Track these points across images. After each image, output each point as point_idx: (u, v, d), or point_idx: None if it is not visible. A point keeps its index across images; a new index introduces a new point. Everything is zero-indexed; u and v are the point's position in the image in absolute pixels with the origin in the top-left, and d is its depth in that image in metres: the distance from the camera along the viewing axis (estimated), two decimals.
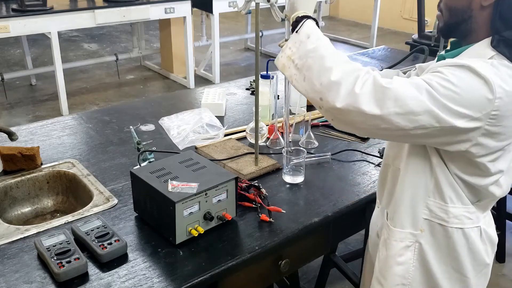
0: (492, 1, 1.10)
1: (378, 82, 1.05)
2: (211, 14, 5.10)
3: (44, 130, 1.94)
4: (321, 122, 2.03)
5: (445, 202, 1.21)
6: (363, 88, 1.05)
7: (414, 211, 1.25)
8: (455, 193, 1.20)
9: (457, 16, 1.17)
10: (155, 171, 1.36)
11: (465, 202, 1.22)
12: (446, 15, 1.20)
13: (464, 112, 1.04)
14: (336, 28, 8.28)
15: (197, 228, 1.28)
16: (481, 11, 1.13)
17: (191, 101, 2.31)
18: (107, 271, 1.19)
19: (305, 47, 1.15)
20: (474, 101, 1.04)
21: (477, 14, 1.14)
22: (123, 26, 7.43)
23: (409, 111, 1.03)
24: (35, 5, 4.05)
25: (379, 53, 3.09)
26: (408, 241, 1.27)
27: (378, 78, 1.05)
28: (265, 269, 1.38)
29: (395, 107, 1.03)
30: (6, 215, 1.54)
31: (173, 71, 5.70)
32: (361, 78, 1.06)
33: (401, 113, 1.04)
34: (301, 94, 2.06)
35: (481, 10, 1.13)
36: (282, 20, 1.37)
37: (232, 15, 7.97)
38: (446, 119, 1.04)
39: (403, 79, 1.07)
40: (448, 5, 1.19)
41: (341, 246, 2.74)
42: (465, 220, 1.23)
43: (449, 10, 1.19)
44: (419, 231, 1.25)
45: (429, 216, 1.24)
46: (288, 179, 1.59)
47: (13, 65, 6.05)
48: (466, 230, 1.23)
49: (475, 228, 1.24)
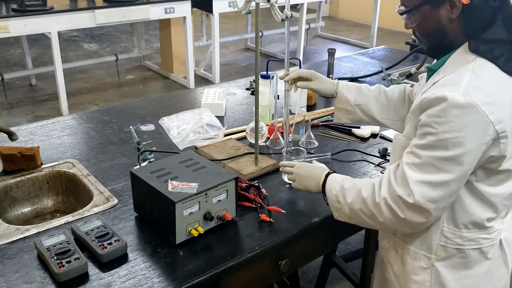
0: (458, 12, 1.13)
1: (407, 203, 1.13)
2: (211, 14, 5.10)
3: (44, 130, 1.94)
4: (321, 122, 2.03)
5: (459, 229, 1.21)
6: (402, 213, 1.15)
7: (428, 237, 1.24)
8: (469, 218, 1.19)
9: (434, 38, 1.21)
10: (155, 171, 1.36)
11: (481, 226, 1.20)
12: (424, 40, 1.25)
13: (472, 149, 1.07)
14: (336, 28, 8.28)
15: (197, 228, 1.28)
16: (452, 23, 1.16)
17: (191, 101, 2.31)
18: (107, 271, 1.19)
19: (345, 213, 1.29)
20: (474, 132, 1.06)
21: (450, 27, 1.17)
22: (123, 26, 7.43)
23: (442, 200, 1.12)
24: (35, 5, 4.05)
25: (379, 53, 3.09)
26: (424, 262, 1.26)
27: (404, 196, 1.13)
28: (265, 269, 1.38)
29: (435, 209, 1.13)
30: (6, 215, 1.54)
31: (173, 71, 5.70)
32: (394, 207, 1.15)
33: (443, 205, 1.14)
34: (301, 94, 2.07)
35: (452, 22, 1.16)
36: (282, 20, 1.37)
37: (232, 15, 7.97)
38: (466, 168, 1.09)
39: (412, 177, 1.12)
40: (421, 33, 1.24)
41: (341, 246, 2.74)
42: (482, 241, 1.22)
43: (424, 35, 1.23)
44: (434, 255, 1.24)
45: (444, 242, 1.23)
46: (288, 179, 1.59)
47: (13, 65, 6.05)
48: (484, 249, 1.23)
49: (494, 245, 1.24)
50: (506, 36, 1.12)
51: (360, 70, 2.72)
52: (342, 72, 2.69)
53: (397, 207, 1.15)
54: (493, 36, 1.12)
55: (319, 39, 7.58)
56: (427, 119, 1.10)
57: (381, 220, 1.19)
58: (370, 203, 1.20)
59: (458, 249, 1.22)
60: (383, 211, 1.17)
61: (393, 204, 1.15)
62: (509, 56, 1.12)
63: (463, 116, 1.05)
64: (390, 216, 1.17)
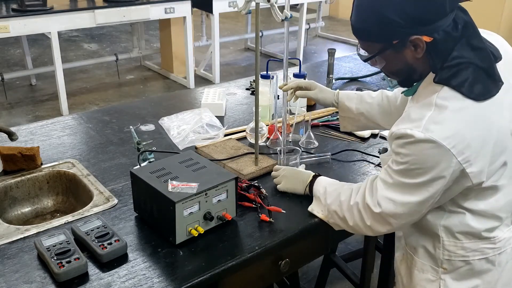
0: (423, 51, 1.13)
1: (373, 212, 1.21)
2: (211, 14, 5.10)
3: (44, 130, 1.94)
4: (321, 122, 2.03)
5: (459, 240, 1.21)
6: (368, 220, 1.23)
7: (431, 251, 1.25)
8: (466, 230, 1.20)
9: (403, 74, 1.22)
10: (155, 171, 1.36)
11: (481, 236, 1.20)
12: (394, 76, 1.26)
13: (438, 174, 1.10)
14: (336, 28, 8.28)
15: (197, 228, 1.28)
16: (419, 60, 1.16)
17: (191, 101, 2.30)
18: (107, 271, 1.19)
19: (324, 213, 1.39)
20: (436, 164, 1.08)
21: (417, 64, 1.17)
22: (123, 26, 7.43)
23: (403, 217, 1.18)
24: (35, 5, 4.05)
25: None
26: (431, 275, 1.27)
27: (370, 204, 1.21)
28: (265, 269, 1.38)
29: (396, 223, 1.20)
30: (6, 215, 1.54)
31: (173, 71, 5.70)
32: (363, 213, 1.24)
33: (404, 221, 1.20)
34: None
35: (418, 60, 1.16)
36: (282, 20, 1.37)
37: (232, 15, 7.97)
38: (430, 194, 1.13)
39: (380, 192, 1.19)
40: (389, 71, 1.25)
41: (341, 246, 2.74)
42: (486, 250, 1.21)
43: (393, 73, 1.25)
44: (441, 268, 1.25)
45: (448, 256, 1.23)
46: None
47: (13, 65, 6.05)
48: (490, 258, 1.22)
49: (503, 253, 1.23)
50: (470, 55, 1.11)
51: (360, 70, 2.72)
52: (342, 72, 2.69)
53: (365, 213, 1.23)
54: (456, 61, 1.11)
55: (319, 39, 7.58)
56: (395, 149, 1.15)
57: (350, 224, 1.28)
58: (345, 206, 1.29)
59: (464, 261, 1.22)
60: (354, 215, 1.26)
61: (362, 209, 1.23)
62: (474, 79, 1.10)
63: (424, 150, 1.08)
64: (358, 221, 1.25)
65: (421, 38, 1.10)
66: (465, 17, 1.13)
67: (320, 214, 1.39)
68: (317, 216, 1.41)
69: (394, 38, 1.12)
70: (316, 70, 2.77)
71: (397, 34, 1.11)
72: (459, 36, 1.11)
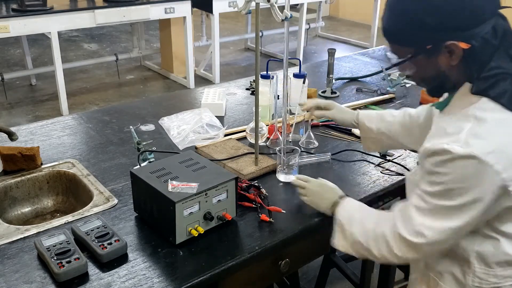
0: (459, 58, 1.07)
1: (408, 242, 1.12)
2: (211, 14, 5.10)
3: (44, 130, 1.94)
4: (321, 122, 2.03)
5: (492, 268, 1.14)
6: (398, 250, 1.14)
7: (461, 278, 1.18)
8: (502, 258, 1.13)
9: (434, 82, 1.16)
10: (155, 171, 1.36)
11: None
12: (424, 84, 1.20)
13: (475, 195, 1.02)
14: (336, 28, 8.28)
15: (197, 228, 1.28)
16: (453, 68, 1.10)
17: (191, 101, 2.31)
18: (107, 271, 1.19)
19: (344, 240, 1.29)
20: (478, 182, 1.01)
21: (451, 73, 1.11)
22: (123, 26, 7.42)
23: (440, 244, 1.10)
24: (35, 5, 4.05)
25: (379, 53, 3.09)
26: None
27: (405, 234, 1.12)
28: (265, 269, 1.38)
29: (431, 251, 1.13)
30: (6, 215, 1.54)
31: (173, 71, 5.70)
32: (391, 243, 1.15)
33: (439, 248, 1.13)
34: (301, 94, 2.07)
35: (452, 68, 1.09)
36: (282, 20, 1.37)
37: (232, 15, 7.97)
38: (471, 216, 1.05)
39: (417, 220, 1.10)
40: (420, 78, 1.18)
41: None
42: None
43: (423, 81, 1.18)
44: None
45: (478, 283, 1.16)
46: (282, 178, 1.59)
47: (13, 65, 6.05)
48: None
49: None
50: (509, 66, 1.05)
51: (360, 70, 2.71)
52: (342, 72, 2.69)
53: (395, 243, 1.14)
54: (494, 71, 1.05)
55: (319, 39, 7.58)
56: (430, 168, 1.07)
57: (375, 253, 1.20)
58: (371, 235, 1.20)
59: (495, 287, 1.16)
60: (379, 245, 1.18)
61: (392, 240, 1.15)
62: None
63: (464, 168, 1.01)
64: (385, 252, 1.17)
65: (458, 44, 1.04)
66: (505, 24, 1.06)
67: (343, 248, 1.30)
68: (317, 217, 1.41)
69: (427, 43, 1.07)
70: (316, 70, 2.77)
71: (431, 38, 1.06)
72: (498, 45, 1.05)
